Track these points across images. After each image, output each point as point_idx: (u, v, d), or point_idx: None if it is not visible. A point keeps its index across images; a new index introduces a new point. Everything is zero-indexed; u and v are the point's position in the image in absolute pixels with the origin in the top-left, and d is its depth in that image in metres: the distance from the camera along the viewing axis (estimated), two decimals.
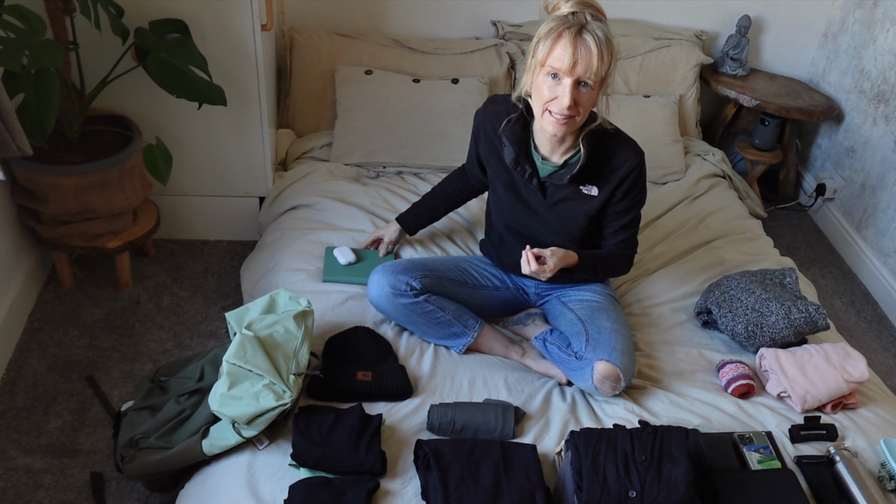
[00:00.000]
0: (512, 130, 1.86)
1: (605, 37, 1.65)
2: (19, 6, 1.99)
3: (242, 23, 2.36)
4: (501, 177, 1.95)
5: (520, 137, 1.87)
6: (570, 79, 1.66)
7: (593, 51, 1.64)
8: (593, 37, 1.64)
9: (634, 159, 1.83)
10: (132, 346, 2.34)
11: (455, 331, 1.97)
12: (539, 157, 1.88)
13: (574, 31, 1.64)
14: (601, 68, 1.66)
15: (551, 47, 1.66)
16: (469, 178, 2.17)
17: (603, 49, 1.64)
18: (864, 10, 3.11)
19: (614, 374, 1.81)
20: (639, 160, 1.84)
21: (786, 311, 1.99)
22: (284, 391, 1.62)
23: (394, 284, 1.94)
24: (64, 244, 2.37)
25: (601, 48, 1.64)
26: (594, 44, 1.63)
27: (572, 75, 1.66)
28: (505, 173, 1.93)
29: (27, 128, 1.91)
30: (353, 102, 2.77)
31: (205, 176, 2.66)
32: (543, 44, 1.68)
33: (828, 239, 3.31)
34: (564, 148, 1.85)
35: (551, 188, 1.89)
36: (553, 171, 1.87)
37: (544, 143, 1.86)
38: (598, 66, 1.65)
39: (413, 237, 2.33)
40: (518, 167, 1.87)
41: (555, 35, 1.66)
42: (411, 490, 1.59)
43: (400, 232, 2.24)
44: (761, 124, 3.25)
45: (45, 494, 1.90)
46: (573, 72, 1.65)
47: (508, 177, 1.93)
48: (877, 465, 1.77)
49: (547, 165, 1.87)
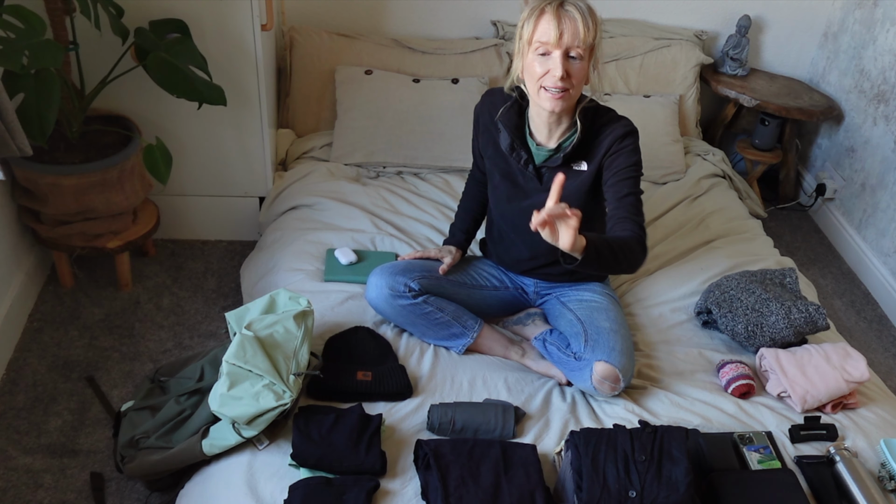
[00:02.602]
0: (507, 116, 1.88)
1: (586, 7, 1.70)
2: (19, 6, 1.99)
3: (242, 23, 2.36)
4: (498, 165, 1.96)
5: (515, 124, 1.89)
6: (558, 51, 1.69)
7: (577, 19, 1.68)
8: (575, 6, 1.69)
9: (621, 129, 1.83)
10: (132, 346, 2.34)
11: (454, 331, 1.97)
12: (534, 144, 1.89)
13: (556, 4, 1.69)
14: (588, 36, 1.69)
15: (535, 24, 1.70)
16: (480, 178, 2.13)
17: (587, 17, 1.69)
18: (864, 10, 3.11)
19: (613, 374, 1.81)
20: (626, 129, 1.83)
21: (786, 311, 1.99)
22: (284, 391, 1.62)
23: (392, 286, 1.94)
24: (64, 244, 2.37)
25: (585, 17, 1.68)
26: (577, 13, 1.68)
27: (560, 46, 1.69)
28: (502, 161, 1.94)
29: (27, 128, 1.91)
30: (353, 102, 2.77)
31: (205, 176, 2.66)
32: (528, 23, 1.72)
33: (828, 239, 3.31)
34: (560, 130, 1.86)
35: (547, 173, 1.90)
36: (548, 156, 1.88)
37: (540, 128, 1.87)
38: (584, 33, 1.68)
39: (413, 238, 2.34)
40: (514, 153, 1.89)
41: (537, 12, 1.70)
42: (411, 490, 1.59)
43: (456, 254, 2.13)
44: (761, 124, 3.25)
45: (45, 494, 1.90)
46: (560, 42, 1.68)
47: (505, 164, 1.94)
48: (877, 465, 1.76)
49: (542, 151, 1.89)
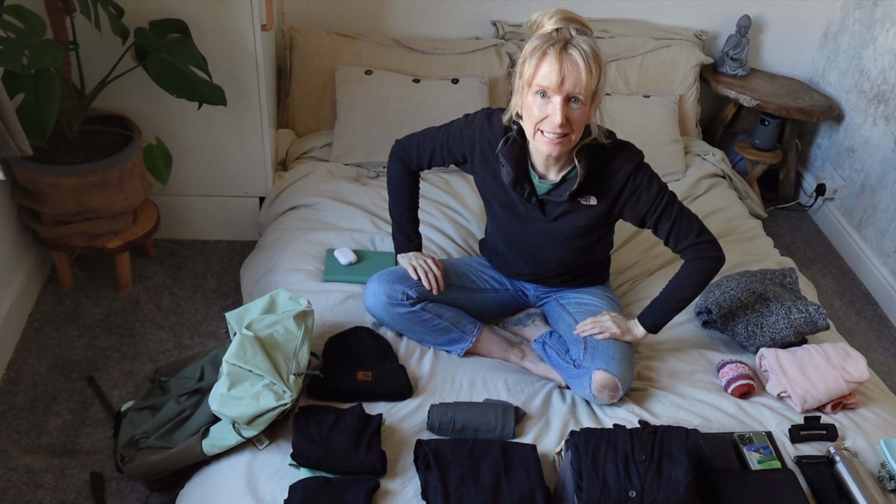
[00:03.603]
0: (510, 151, 1.80)
1: (591, 50, 1.60)
2: (19, 6, 1.99)
3: (242, 23, 2.36)
4: (498, 196, 1.90)
5: (518, 157, 1.81)
6: (559, 96, 1.61)
7: (580, 65, 1.59)
8: (579, 51, 1.59)
9: (630, 163, 1.78)
10: (132, 346, 2.34)
11: (453, 336, 1.97)
12: (536, 176, 1.83)
13: (559, 47, 1.59)
14: (590, 82, 1.61)
15: (537, 66, 1.62)
16: (413, 168, 2.06)
17: (590, 62, 1.59)
18: (864, 10, 3.11)
19: (612, 383, 1.80)
20: (635, 162, 1.79)
21: (786, 311, 1.99)
22: (284, 391, 1.62)
23: (390, 294, 1.93)
24: (64, 244, 2.37)
25: (588, 62, 1.59)
26: (580, 58, 1.59)
27: (561, 92, 1.61)
28: (501, 192, 1.89)
29: (27, 128, 1.91)
30: (353, 102, 2.77)
31: (205, 176, 2.66)
32: (529, 63, 1.63)
33: (828, 239, 3.31)
34: (561, 165, 1.80)
35: (550, 205, 1.85)
36: (551, 189, 1.83)
37: (541, 162, 1.80)
38: (586, 80, 1.60)
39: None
40: (517, 187, 1.82)
41: (539, 53, 1.61)
42: (411, 490, 1.59)
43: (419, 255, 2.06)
44: (761, 124, 3.25)
45: (45, 494, 1.90)
46: (562, 88, 1.60)
47: (505, 195, 1.88)
48: (877, 465, 1.76)
49: (544, 184, 1.82)
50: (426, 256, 2.03)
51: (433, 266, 1.99)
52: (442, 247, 2.34)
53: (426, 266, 1.98)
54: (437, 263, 2.01)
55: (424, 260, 2.00)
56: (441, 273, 1.99)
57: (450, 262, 2.10)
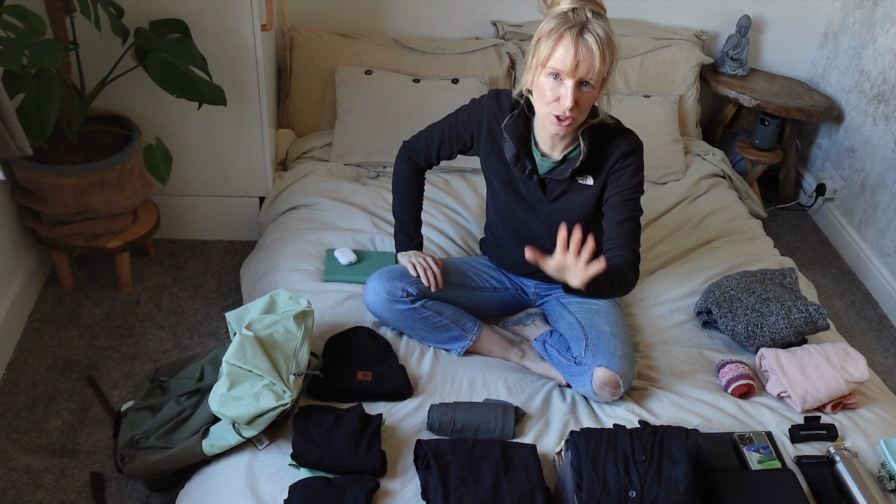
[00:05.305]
0: (514, 126, 1.85)
1: (606, 36, 1.64)
2: (19, 6, 1.99)
3: (242, 23, 2.36)
4: (500, 173, 1.93)
5: (521, 133, 1.85)
6: (572, 80, 1.65)
7: (595, 52, 1.63)
8: (595, 37, 1.62)
9: (628, 145, 1.82)
10: (132, 346, 2.34)
11: (453, 334, 1.97)
12: (538, 154, 1.87)
13: (576, 31, 1.62)
14: (603, 68, 1.65)
15: (553, 48, 1.65)
16: (420, 164, 2.07)
17: (605, 49, 1.64)
18: (864, 10, 3.11)
19: (613, 380, 1.81)
20: (632, 146, 1.82)
21: (786, 311, 1.99)
22: (284, 391, 1.62)
23: (390, 291, 1.93)
24: (64, 244, 2.37)
25: (603, 48, 1.63)
26: (596, 44, 1.62)
27: (574, 76, 1.65)
28: (504, 169, 1.92)
29: (27, 128, 1.91)
30: (353, 102, 2.77)
31: (205, 176, 2.66)
32: (545, 44, 1.66)
33: (828, 239, 3.31)
34: (565, 143, 1.84)
35: (551, 184, 1.88)
36: (552, 167, 1.87)
37: (545, 140, 1.85)
38: (600, 66, 1.64)
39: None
40: (518, 163, 1.86)
41: (556, 35, 1.64)
42: (411, 490, 1.59)
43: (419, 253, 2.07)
44: (761, 124, 3.25)
45: (45, 494, 1.90)
46: (575, 73, 1.64)
47: (507, 173, 1.92)
48: (877, 465, 1.76)
49: (546, 162, 1.86)
50: (426, 255, 2.04)
51: (432, 263, 2.00)
52: (442, 247, 2.34)
53: (425, 263, 1.99)
54: (436, 261, 2.01)
55: (424, 258, 2.01)
56: (440, 271, 1.99)
57: (450, 261, 2.11)
